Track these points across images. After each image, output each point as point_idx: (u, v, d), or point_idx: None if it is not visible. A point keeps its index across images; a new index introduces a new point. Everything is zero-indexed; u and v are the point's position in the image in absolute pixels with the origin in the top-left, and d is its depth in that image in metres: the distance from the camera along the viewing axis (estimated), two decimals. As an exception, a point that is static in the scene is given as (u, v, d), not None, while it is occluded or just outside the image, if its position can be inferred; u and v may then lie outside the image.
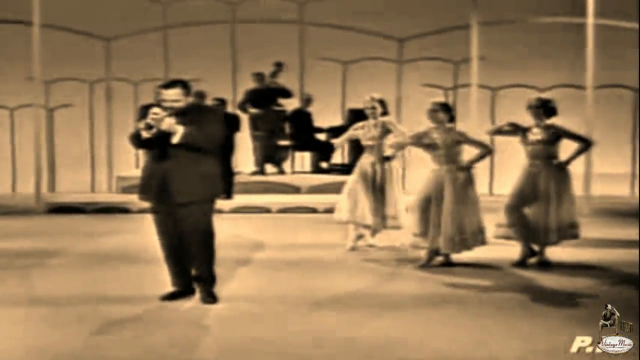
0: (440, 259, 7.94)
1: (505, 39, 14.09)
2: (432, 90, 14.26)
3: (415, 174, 9.09)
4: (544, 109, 7.91)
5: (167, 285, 6.48)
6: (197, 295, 6.42)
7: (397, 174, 8.80)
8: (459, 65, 14.64)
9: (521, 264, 7.91)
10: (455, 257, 7.91)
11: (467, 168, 7.84)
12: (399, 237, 8.38)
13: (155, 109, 6.01)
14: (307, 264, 8.06)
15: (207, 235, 6.30)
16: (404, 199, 8.74)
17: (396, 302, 6.45)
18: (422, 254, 7.95)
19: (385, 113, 8.80)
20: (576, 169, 8.39)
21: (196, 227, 6.22)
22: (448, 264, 7.90)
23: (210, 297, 6.36)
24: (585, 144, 8.06)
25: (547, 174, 7.84)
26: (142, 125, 5.99)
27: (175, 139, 6.01)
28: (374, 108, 8.73)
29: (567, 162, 7.93)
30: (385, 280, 7.38)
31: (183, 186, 6.14)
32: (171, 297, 6.44)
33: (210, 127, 6.19)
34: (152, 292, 6.50)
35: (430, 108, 7.92)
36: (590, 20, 12.24)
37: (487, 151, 7.96)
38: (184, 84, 6.21)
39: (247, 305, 6.34)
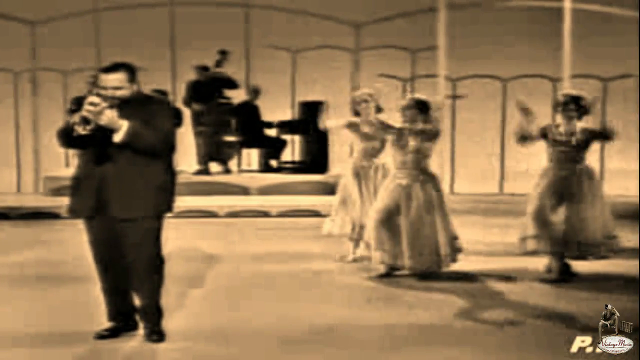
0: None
1: (466, 25, 13.28)
2: (390, 81, 13.47)
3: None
4: (578, 107, 6.96)
5: (104, 314, 5.39)
6: (141, 331, 5.34)
7: None
8: (417, 54, 13.83)
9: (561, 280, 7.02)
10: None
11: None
12: None
13: (93, 98, 4.85)
14: (271, 283, 7.04)
15: (154, 260, 5.18)
16: None
17: (395, 336, 5.42)
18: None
19: (379, 110, 7.85)
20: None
21: (140, 250, 5.10)
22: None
23: (155, 335, 5.27)
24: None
25: (579, 179, 6.98)
26: (76, 119, 4.84)
27: (117, 137, 4.89)
28: (366, 102, 7.78)
29: None
30: (378, 304, 6.34)
31: (125, 197, 5.01)
32: (108, 334, 5.32)
33: (161, 123, 5.05)
34: (87, 326, 5.40)
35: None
36: (567, 4, 11.46)
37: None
38: (128, 68, 5.07)
39: (205, 345, 5.27)
